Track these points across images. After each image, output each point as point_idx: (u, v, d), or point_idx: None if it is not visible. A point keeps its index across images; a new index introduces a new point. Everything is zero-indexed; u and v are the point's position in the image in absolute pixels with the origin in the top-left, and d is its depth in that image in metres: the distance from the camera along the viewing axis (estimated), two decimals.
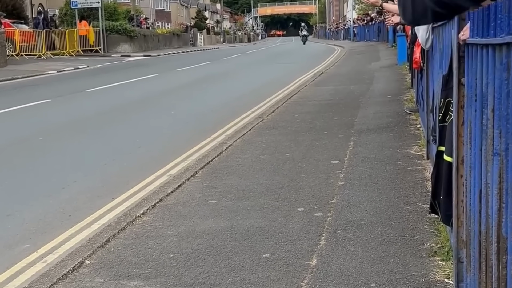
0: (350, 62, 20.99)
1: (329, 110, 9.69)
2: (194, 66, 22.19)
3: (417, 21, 1.42)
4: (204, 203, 4.98)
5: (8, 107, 11.28)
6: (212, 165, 6.34)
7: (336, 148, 6.80)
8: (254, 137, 7.80)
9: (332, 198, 4.90)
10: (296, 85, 14.12)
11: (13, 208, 5.21)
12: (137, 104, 12.09)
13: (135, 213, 4.72)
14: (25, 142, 8.14)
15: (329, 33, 68.88)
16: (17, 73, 19.26)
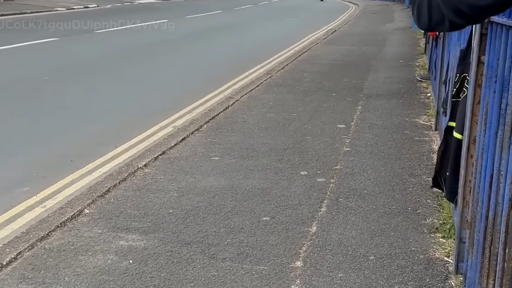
0: (363, 22, 20.64)
1: (339, 71, 9.55)
2: (205, 14, 21.86)
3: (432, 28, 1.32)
4: (207, 159, 4.94)
5: (14, 43, 11.15)
6: (217, 120, 6.28)
7: (343, 112, 6.71)
8: (261, 93, 7.70)
9: (336, 164, 4.84)
10: (308, 42, 13.91)
11: (15, 149, 5.18)
12: (145, 50, 11.94)
13: (137, 164, 4.69)
14: (30, 81, 8.06)
15: None
16: (26, 7, 19.01)
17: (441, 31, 2.17)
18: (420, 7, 1.27)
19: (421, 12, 1.28)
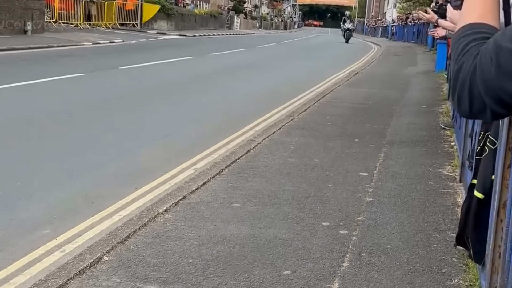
0: (386, 64, 20.69)
1: (361, 115, 9.52)
2: (228, 52, 22.09)
3: (473, 116, 1.28)
4: (228, 206, 4.90)
5: (41, 78, 11.30)
6: (239, 163, 6.25)
7: (366, 159, 6.66)
8: (283, 137, 7.68)
9: (358, 215, 4.77)
10: (330, 83, 13.95)
11: (36, 188, 5.19)
12: (169, 87, 12.04)
13: (158, 209, 4.66)
14: (55, 117, 8.13)
15: (366, 28, 68.20)
16: (53, 41, 19.36)
17: (482, 119, 2.13)
18: (461, 95, 1.24)
19: (461, 100, 1.24)
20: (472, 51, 1.24)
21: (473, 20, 1.31)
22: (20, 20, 20.20)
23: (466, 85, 1.23)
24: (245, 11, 70.98)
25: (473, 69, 1.22)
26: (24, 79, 10.95)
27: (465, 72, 1.23)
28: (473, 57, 1.23)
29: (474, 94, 1.21)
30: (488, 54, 1.18)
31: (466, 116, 1.30)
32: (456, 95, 1.26)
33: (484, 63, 1.18)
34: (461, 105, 1.25)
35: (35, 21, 21.09)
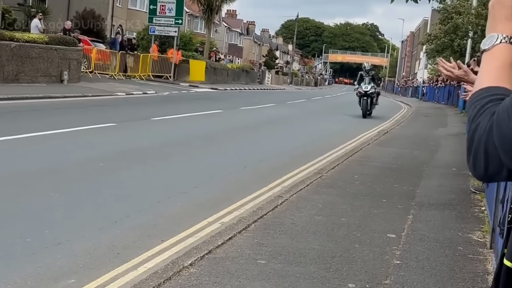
0: (416, 124, 20.65)
1: (390, 175, 9.47)
2: (259, 107, 22.32)
3: (489, 178, 1.27)
4: (253, 262, 4.87)
5: (74, 127, 11.53)
6: (266, 219, 6.24)
7: (394, 220, 6.59)
8: (311, 194, 7.66)
9: (385, 278, 4.70)
10: (359, 141, 13.95)
11: (64, 237, 5.23)
12: (199, 140, 12.16)
13: (183, 263, 4.65)
14: (85, 166, 8.25)
15: (397, 88, 68.46)
16: (88, 90, 19.81)
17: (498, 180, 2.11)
18: (477, 155, 1.24)
19: (477, 160, 1.24)
20: (488, 111, 1.26)
21: (489, 84, 1.33)
22: (58, 70, 20.76)
23: (482, 144, 1.23)
24: (277, 67, 71.97)
25: (490, 127, 1.22)
26: (58, 127, 11.18)
27: (481, 131, 1.24)
28: (489, 115, 1.24)
29: (490, 153, 1.21)
30: (505, 111, 1.19)
31: (481, 177, 1.30)
32: (472, 156, 1.26)
33: (502, 119, 1.19)
34: (476, 166, 1.25)
35: (72, 71, 21.65)
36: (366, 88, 20.60)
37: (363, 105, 20.72)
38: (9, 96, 15.28)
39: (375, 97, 21.25)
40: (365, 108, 20.69)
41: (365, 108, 20.69)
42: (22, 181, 7.07)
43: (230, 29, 73.55)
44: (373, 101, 21.21)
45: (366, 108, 20.69)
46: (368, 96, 20.71)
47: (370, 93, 20.74)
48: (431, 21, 50.21)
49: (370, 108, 21.04)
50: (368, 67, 21.55)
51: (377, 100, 21.94)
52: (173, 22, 33.26)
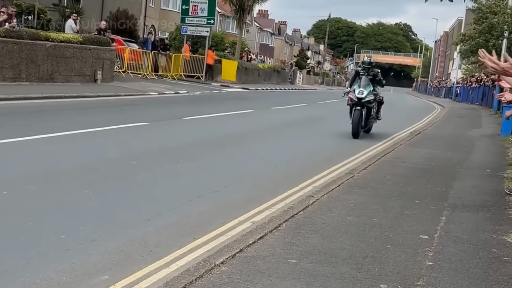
0: (449, 125, 20.41)
1: (423, 176, 9.38)
2: (290, 107, 22.30)
3: None
4: (284, 261, 4.87)
5: (107, 125, 11.68)
6: (297, 219, 6.23)
7: (426, 221, 6.52)
8: (342, 194, 7.63)
9: (418, 279, 4.66)
10: (391, 142, 13.83)
11: (98, 234, 5.30)
12: (230, 139, 12.21)
13: (214, 261, 4.67)
14: (118, 165, 8.35)
15: (430, 89, 67.68)
16: (121, 90, 20.04)
17: None
18: None
19: None
20: None
21: None
22: (91, 69, 21.04)
23: None
24: (308, 67, 71.77)
25: None
26: (92, 126, 11.35)
27: None
28: None
29: None
30: None
31: None
32: None
33: None
34: None
35: (105, 70, 21.92)
36: (361, 94, 13.38)
37: (355, 119, 13.42)
38: (44, 95, 15.54)
39: (374, 107, 14.00)
40: (357, 123, 13.38)
41: (357, 123, 13.37)
42: (57, 178, 7.19)
43: (262, 29, 73.61)
44: (371, 112, 13.90)
45: (358, 123, 13.38)
46: (363, 106, 13.46)
47: (367, 101, 13.46)
48: (466, 21, 49.51)
49: (366, 122, 13.80)
50: (368, 61, 14.35)
51: (379, 111, 14.62)
52: (205, 22, 33.43)
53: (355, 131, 13.40)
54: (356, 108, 13.39)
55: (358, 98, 13.38)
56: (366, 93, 13.41)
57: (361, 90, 13.42)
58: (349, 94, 13.73)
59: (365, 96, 13.39)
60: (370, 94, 13.51)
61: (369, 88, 13.56)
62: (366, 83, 13.60)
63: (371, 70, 14.06)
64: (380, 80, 14.36)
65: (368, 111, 13.63)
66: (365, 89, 13.47)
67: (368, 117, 13.79)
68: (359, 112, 13.36)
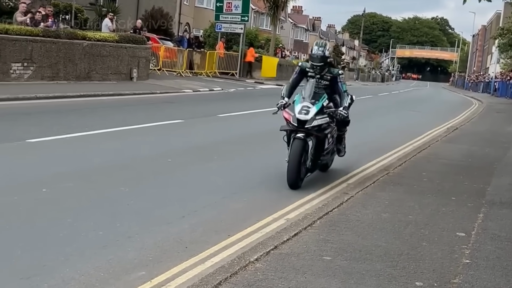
0: (487, 121, 20.07)
1: (459, 172, 9.26)
2: None
3: None
4: (319, 258, 4.87)
5: (143, 123, 11.80)
6: (331, 216, 6.22)
7: (463, 218, 6.44)
8: (377, 191, 7.58)
9: (454, 277, 4.61)
10: (427, 138, 13.68)
11: (134, 230, 5.38)
12: (264, 136, 12.21)
13: (249, 258, 4.70)
14: (154, 162, 8.44)
15: (467, 83, 66.56)
16: (157, 88, 20.22)
17: None
18: None
19: None
20: None
21: None
22: (127, 67, 21.27)
23: None
24: (343, 63, 71.34)
25: None
26: (128, 124, 11.49)
27: None
28: None
29: None
30: None
31: None
32: None
33: None
34: None
35: (141, 69, 22.14)
36: (305, 114, 7.65)
37: (292, 156, 7.57)
38: (81, 93, 15.79)
39: (332, 133, 8.07)
40: (295, 164, 7.55)
41: (296, 164, 7.55)
42: (94, 176, 7.31)
43: (296, 25, 73.41)
44: (326, 144, 7.94)
45: (298, 163, 7.56)
46: (309, 134, 7.70)
47: (316, 127, 7.67)
48: (504, 14, 48.55)
49: (315, 162, 7.94)
50: (320, 55, 7.79)
51: (343, 139, 8.80)
52: (239, 19, 33.50)
53: (292, 178, 7.46)
54: (296, 136, 7.54)
55: (298, 120, 7.55)
56: (313, 111, 7.54)
57: (304, 107, 7.58)
58: (284, 111, 7.84)
59: (311, 118, 7.51)
60: (321, 115, 7.58)
61: (320, 101, 7.64)
62: (310, 91, 7.72)
63: (327, 69, 7.84)
64: (338, 90, 7.90)
65: (319, 142, 7.71)
66: (312, 105, 7.59)
67: (319, 153, 7.79)
68: (300, 144, 7.49)
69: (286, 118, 7.80)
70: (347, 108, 7.83)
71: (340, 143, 8.65)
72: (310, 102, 7.62)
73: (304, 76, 8.04)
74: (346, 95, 7.91)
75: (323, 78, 7.88)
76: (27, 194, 6.20)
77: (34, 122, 11.15)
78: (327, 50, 7.80)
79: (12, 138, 9.01)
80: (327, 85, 7.90)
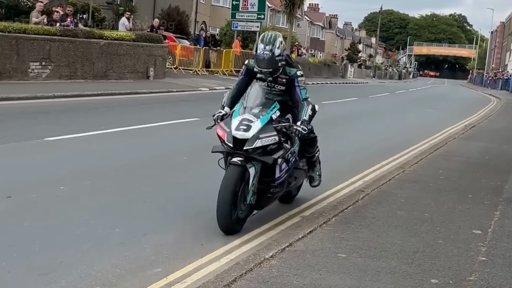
0: (505, 118, 19.91)
1: (476, 170, 9.20)
2: (341, 101, 22.15)
3: None
4: (334, 256, 4.88)
5: (160, 121, 11.87)
6: (346, 213, 6.22)
7: (480, 216, 6.41)
8: (393, 188, 7.57)
9: (470, 275, 4.59)
10: (444, 136, 13.61)
11: (150, 227, 5.42)
12: None
13: (264, 255, 4.72)
14: (170, 160, 8.49)
15: (485, 80, 66.00)
16: (173, 86, 20.31)
17: None
18: None
19: None
20: None
21: None
22: (144, 66, 21.39)
23: None
24: (359, 61, 71.06)
25: None
26: (145, 122, 11.56)
27: None
28: None
29: None
30: None
31: None
32: None
33: None
34: None
35: (158, 67, 22.25)
36: (244, 129, 5.40)
37: (225, 187, 5.36)
38: (98, 92, 15.92)
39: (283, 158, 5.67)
40: (229, 197, 5.27)
41: (229, 198, 5.27)
42: (111, 174, 7.37)
43: (312, 23, 73.23)
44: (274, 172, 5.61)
45: (232, 197, 5.28)
46: (250, 159, 5.41)
47: (255, 149, 5.37)
48: None
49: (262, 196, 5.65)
50: (267, 56, 5.58)
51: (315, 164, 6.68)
52: (256, 17, 33.52)
53: (224, 220, 5.36)
54: (231, 161, 5.50)
55: (235, 139, 5.45)
56: (256, 127, 5.45)
57: (245, 120, 5.49)
58: (217, 125, 5.74)
59: (253, 137, 5.41)
60: (268, 132, 5.47)
61: (268, 113, 5.58)
62: (262, 101, 5.65)
63: (281, 69, 5.80)
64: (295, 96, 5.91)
65: (267, 170, 5.58)
66: (256, 117, 5.51)
67: (267, 184, 5.68)
68: (236, 172, 5.43)
69: (219, 136, 5.50)
70: (307, 122, 5.74)
71: (312, 169, 6.54)
72: (254, 114, 5.37)
73: (254, 78, 5.90)
74: (305, 104, 5.81)
75: (277, 81, 5.82)
76: (45, 191, 6.28)
77: (52, 120, 11.27)
78: (277, 47, 5.54)
79: (31, 137, 9.12)
80: (283, 90, 5.85)
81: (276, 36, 5.65)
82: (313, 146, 6.58)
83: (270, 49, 5.58)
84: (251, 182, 5.42)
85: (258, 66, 5.71)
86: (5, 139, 8.72)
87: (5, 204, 5.73)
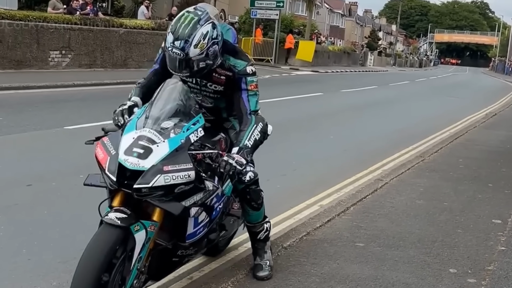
0: None
1: (497, 159, 9.11)
2: (360, 89, 22.02)
3: None
4: (351, 245, 4.87)
5: None
6: (365, 202, 6.21)
7: (500, 205, 6.36)
8: (412, 177, 7.52)
9: (489, 264, 4.56)
10: (464, 124, 13.49)
11: None
12: (299, 122, 12.21)
13: (282, 244, 4.73)
14: None
15: (508, 68, 65.14)
16: None
17: None
18: None
19: None
20: None
21: None
22: None
23: None
24: (379, 48, 70.51)
25: None
26: None
27: None
28: None
29: None
30: None
31: None
32: None
33: None
34: None
35: None
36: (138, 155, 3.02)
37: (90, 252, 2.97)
38: (118, 81, 15.98)
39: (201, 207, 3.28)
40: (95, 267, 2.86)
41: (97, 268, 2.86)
42: None
43: (332, 10, 72.75)
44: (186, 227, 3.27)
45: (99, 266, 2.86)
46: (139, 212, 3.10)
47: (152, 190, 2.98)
48: None
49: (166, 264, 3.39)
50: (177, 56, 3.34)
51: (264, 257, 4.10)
52: (275, 5, 33.38)
53: None
54: (104, 218, 3.25)
55: (121, 170, 3.13)
56: (161, 153, 3.05)
57: (142, 139, 3.10)
58: (98, 143, 3.44)
59: (152, 168, 3.00)
60: (177, 162, 3.04)
61: (183, 133, 3.17)
62: (178, 109, 3.27)
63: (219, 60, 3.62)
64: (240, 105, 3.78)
65: (174, 221, 3.21)
66: (163, 136, 3.11)
67: (175, 247, 3.35)
68: (112, 236, 3.04)
69: (98, 161, 3.35)
70: (248, 151, 3.72)
71: (259, 255, 4.16)
72: (159, 131, 3.14)
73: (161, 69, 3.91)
74: (253, 120, 3.84)
75: (212, 78, 3.70)
76: (65, 180, 6.34)
77: (72, 109, 11.34)
78: (193, 45, 3.35)
79: (51, 125, 9.19)
80: (220, 93, 3.80)
81: (195, 26, 3.37)
82: (255, 206, 4.13)
83: (182, 47, 3.35)
84: (136, 256, 3.03)
85: (168, 66, 3.50)
86: (25, 127, 8.80)
87: (25, 192, 5.79)
